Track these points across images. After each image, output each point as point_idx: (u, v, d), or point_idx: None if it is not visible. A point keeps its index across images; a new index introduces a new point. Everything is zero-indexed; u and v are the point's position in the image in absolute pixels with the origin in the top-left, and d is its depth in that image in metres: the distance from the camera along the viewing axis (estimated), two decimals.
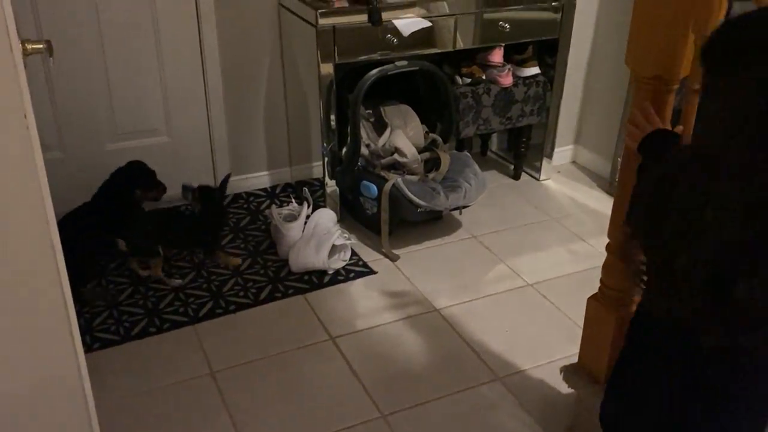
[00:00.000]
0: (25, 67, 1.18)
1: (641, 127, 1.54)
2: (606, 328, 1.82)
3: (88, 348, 2.28)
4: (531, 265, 2.81)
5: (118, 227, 2.64)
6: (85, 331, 2.34)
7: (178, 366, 2.25)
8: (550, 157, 3.45)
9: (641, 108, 1.56)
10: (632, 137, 1.55)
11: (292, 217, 2.83)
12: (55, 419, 1.24)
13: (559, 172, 3.55)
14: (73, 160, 2.90)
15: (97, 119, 2.91)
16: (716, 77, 1.04)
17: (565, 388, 2.06)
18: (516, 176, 3.49)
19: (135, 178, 2.67)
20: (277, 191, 3.28)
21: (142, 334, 2.36)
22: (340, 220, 2.97)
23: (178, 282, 2.61)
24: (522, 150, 3.43)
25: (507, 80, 3.10)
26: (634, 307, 1.79)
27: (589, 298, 1.88)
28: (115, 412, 2.04)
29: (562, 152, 3.60)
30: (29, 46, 1.35)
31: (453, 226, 3.05)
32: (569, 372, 1.96)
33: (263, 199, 3.21)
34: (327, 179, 2.99)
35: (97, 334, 2.35)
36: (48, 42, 1.45)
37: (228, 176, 2.78)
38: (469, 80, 3.09)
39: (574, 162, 3.67)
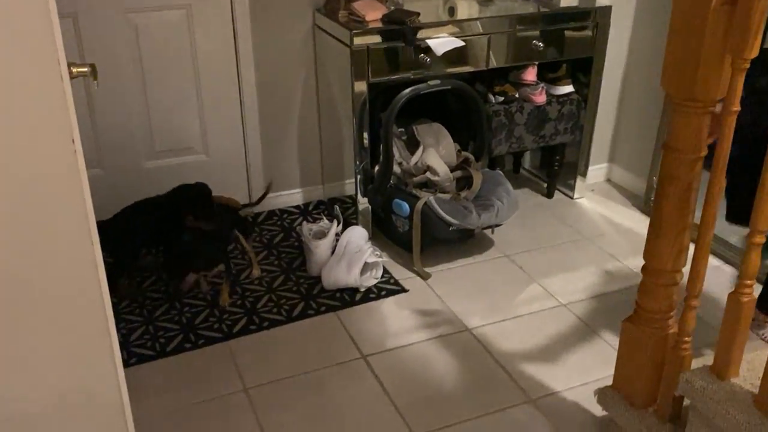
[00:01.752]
0: None
1: None
2: (642, 350, 1.80)
3: (124, 363, 2.30)
4: (564, 285, 2.79)
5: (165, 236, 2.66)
6: (121, 346, 2.38)
7: (213, 382, 2.27)
8: (584, 175, 3.43)
9: None
10: None
11: (322, 234, 2.85)
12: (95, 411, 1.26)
13: (593, 190, 3.53)
14: (112, 177, 2.97)
15: (135, 138, 2.98)
16: None
17: (599, 411, 2.04)
18: (549, 194, 3.47)
19: (190, 204, 2.63)
20: (310, 208, 3.31)
21: (177, 350, 2.40)
22: (372, 238, 2.98)
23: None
24: (555, 168, 3.41)
25: (540, 98, 3.10)
26: (671, 330, 1.77)
27: (624, 320, 1.86)
28: (150, 428, 2.06)
29: (597, 170, 3.57)
30: (74, 70, 1.39)
31: (485, 244, 3.05)
32: (604, 394, 1.94)
33: (296, 216, 3.25)
34: (359, 197, 3.01)
35: (133, 350, 2.39)
36: (92, 66, 1.49)
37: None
38: (501, 99, 3.09)
39: (608, 180, 3.64)
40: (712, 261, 2.87)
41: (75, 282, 1.11)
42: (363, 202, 3.01)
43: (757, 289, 1.90)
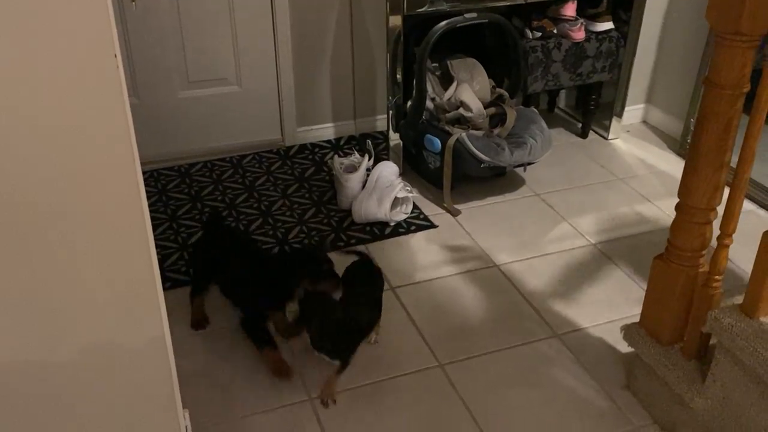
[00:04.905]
0: None
1: None
2: (671, 288, 1.80)
3: None
4: (594, 224, 2.78)
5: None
6: None
7: None
8: (619, 115, 3.37)
9: None
10: None
11: (353, 168, 2.86)
12: (139, 350, 1.30)
13: (628, 131, 3.47)
14: (147, 106, 2.99)
15: (169, 67, 2.99)
16: None
17: (624, 347, 2.06)
18: (583, 134, 3.42)
19: (304, 268, 2.12)
20: (341, 143, 3.32)
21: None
22: (402, 174, 2.98)
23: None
24: (591, 108, 3.35)
25: (579, 35, 3.02)
26: (702, 269, 1.77)
27: (655, 257, 1.86)
28: (187, 346, 2.14)
29: (633, 111, 3.50)
30: None
31: (516, 183, 3.04)
32: (630, 331, 1.95)
33: (327, 150, 3.25)
34: (391, 132, 3.00)
35: (168, 275, 2.45)
36: None
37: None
38: (539, 34, 3.03)
39: (644, 122, 3.57)
40: (747, 205, 2.83)
41: (115, 198, 1.13)
42: (394, 138, 3.01)
43: None
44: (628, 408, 1.98)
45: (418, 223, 2.78)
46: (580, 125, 3.45)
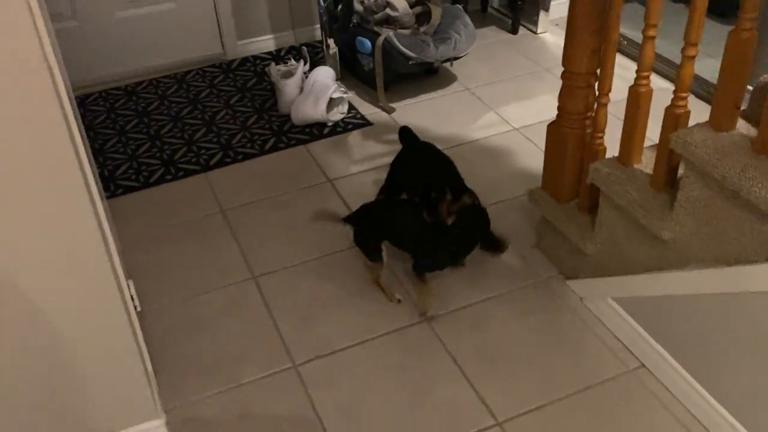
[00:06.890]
0: None
1: None
2: (563, 149, 2.00)
3: (112, 194, 2.57)
4: (519, 112, 2.97)
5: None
6: (108, 180, 2.62)
7: (193, 206, 2.52)
8: (546, 9, 3.50)
9: None
10: None
11: (290, 74, 3.00)
12: (78, 255, 1.42)
13: (557, 24, 3.61)
14: (88, 30, 3.08)
15: None
16: None
17: (533, 211, 2.28)
18: (514, 31, 3.56)
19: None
20: (282, 54, 3.44)
21: (159, 182, 2.64)
22: (341, 79, 3.13)
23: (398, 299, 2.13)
24: (519, 3, 3.49)
25: None
26: (588, 130, 1.97)
27: (548, 124, 2.05)
28: (138, 243, 2.34)
29: (561, 4, 3.62)
30: None
31: (448, 80, 3.20)
32: (534, 194, 2.17)
33: (269, 61, 3.38)
34: (326, 40, 3.12)
35: (119, 182, 2.63)
36: None
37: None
38: None
39: None
40: (663, 83, 3.02)
41: (47, 140, 1.23)
42: (333, 47, 3.13)
43: None
44: (537, 263, 2.23)
45: (355, 122, 2.95)
46: (510, 22, 3.58)
